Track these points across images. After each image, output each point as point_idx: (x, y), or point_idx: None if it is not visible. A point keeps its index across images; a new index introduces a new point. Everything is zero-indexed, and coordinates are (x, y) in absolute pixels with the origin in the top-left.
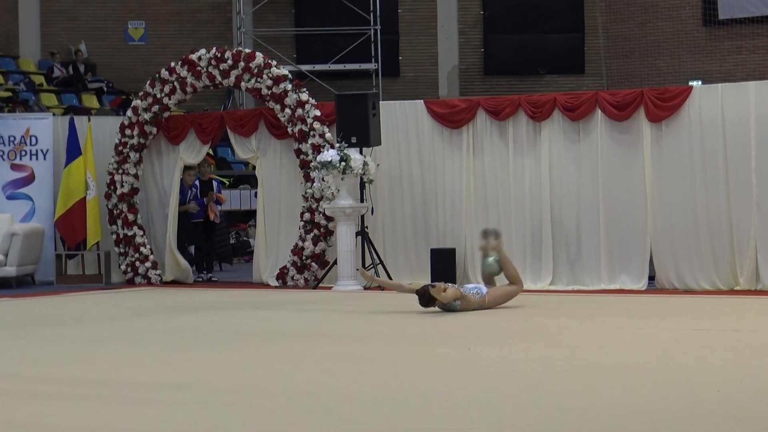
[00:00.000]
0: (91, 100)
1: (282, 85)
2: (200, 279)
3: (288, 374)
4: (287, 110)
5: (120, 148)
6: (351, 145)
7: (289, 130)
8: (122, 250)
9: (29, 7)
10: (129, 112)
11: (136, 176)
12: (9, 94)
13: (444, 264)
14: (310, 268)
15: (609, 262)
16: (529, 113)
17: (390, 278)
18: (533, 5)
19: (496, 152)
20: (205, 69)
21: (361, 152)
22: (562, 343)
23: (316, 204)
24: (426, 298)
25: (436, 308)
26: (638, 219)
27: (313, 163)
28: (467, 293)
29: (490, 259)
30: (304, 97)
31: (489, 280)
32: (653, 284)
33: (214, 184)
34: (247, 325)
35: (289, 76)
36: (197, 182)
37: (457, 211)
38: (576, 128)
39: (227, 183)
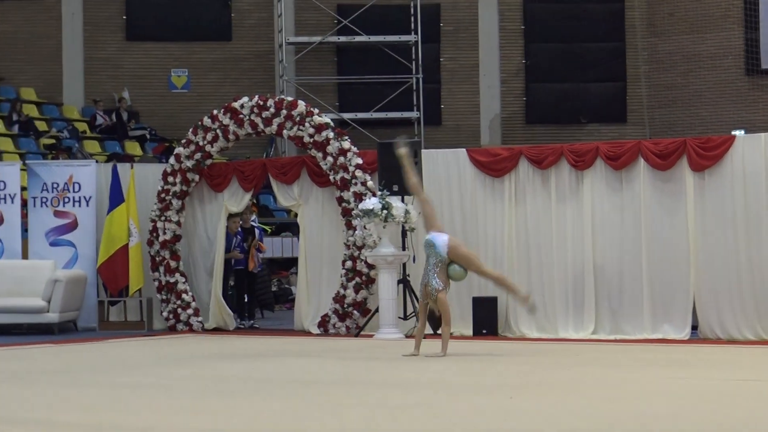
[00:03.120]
0: (134, 148)
1: (324, 133)
2: (242, 326)
3: (329, 423)
4: (329, 158)
5: (162, 195)
6: (393, 194)
7: (331, 178)
8: (164, 297)
9: (73, 55)
10: (172, 160)
11: (178, 223)
12: (53, 141)
13: (486, 312)
14: (351, 315)
15: (652, 311)
16: (572, 162)
17: (432, 328)
18: (576, 54)
19: (539, 201)
20: (247, 117)
21: (402, 200)
22: (605, 393)
23: (357, 252)
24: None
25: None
26: (681, 268)
27: (354, 211)
28: (436, 274)
29: (456, 267)
30: (346, 145)
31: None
32: (696, 334)
33: (257, 231)
34: (289, 372)
35: (331, 124)
36: (240, 229)
37: (499, 259)
38: (618, 177)
39: (269, 230)
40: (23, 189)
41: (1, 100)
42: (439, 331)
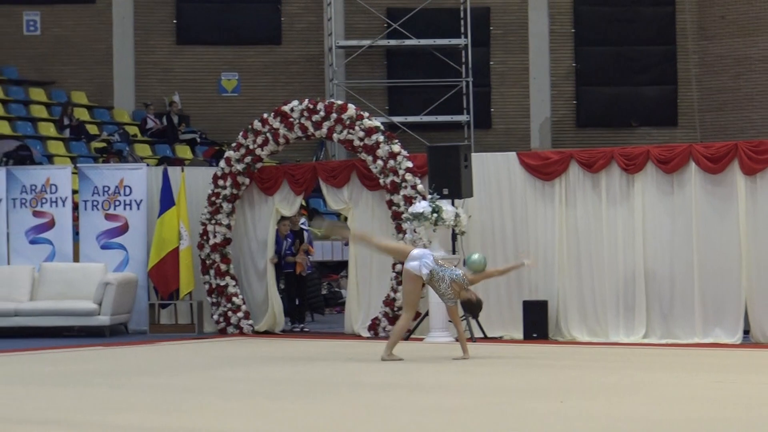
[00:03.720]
0: (184, 151)
1: (374, 137)
2: (294, 329)
3: (377, 426)
4: (379, 161)
5: (213, 198)
6: (443, 197)
7: (381, 181)
8: (215, 300)
9: (124, 59)
10: (222, 163)
11: (228, 227)
12: (103, 144)
13: (536, 316)
14: None
15: (703, 315)
16: (622, 165)
17: (482, 331)
18: (626, 57)
19: (589, 204)
20: (297, 120)
21: (452, 204)
22: (656, 397)
23: None
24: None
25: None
26: (733, 271)
27: (404, 215)
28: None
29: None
30: (396, 148)
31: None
32: (748, 338)
33: (305, 234)
34: (339, 376)
35: (381, 127)
36: (290, 232)
37: (550, 263)
38: (669, 180)
39: (319, 234)
40: (74, 192)
41: (53, 104)
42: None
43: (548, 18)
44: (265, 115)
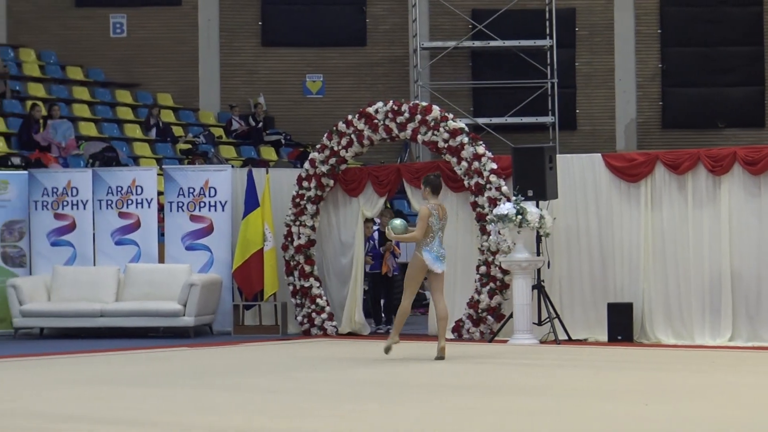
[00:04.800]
0: (269, 153)
1: (458, 138)
2: (378, 330)
3: (460, 428)
4: (464, 163)
5: (297, 200)
6: (527, 199)
7: (466, 183)
8: (299, 302)
9: (209, 61)
10: (306, 165)
11: (312, 228)
12: (189, 146)
13: (621, 318)
14: (485, 321)
15: None
16: (709, 167)
17: (567, 333)
18: (712, 58)
19: (675, 206)
20: (382, 122)
21: (537, 205)
22: (741, 401)
23: (492, 257)
24: None
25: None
26: None
27: (489, 216)
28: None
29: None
30: (481, 150)
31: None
32: None
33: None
34: (422, 377)
35: (466, 129)
36: (376, 234)
37: (635, 265)
38: (757, 182)
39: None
40: (160, 194)
41: (139, 106)
42: None
43: (634, 19)
44: (350, 117)
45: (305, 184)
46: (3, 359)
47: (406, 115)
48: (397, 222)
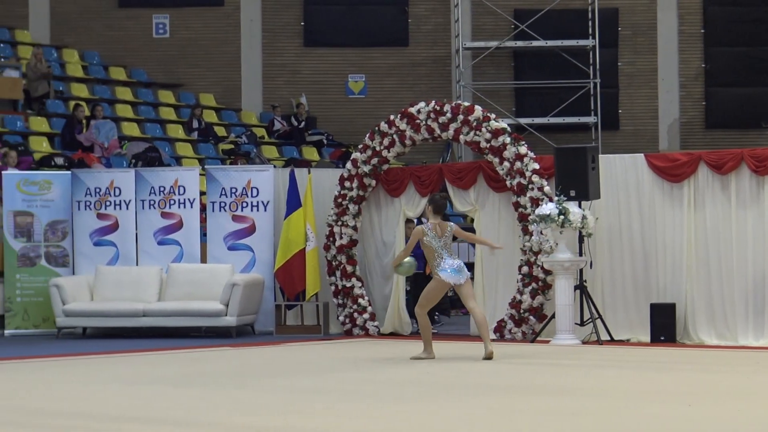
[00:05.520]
0: (311, 153)
1: (501, 138)
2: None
3: (499, 428)
4: (506, 163)
5: (339, 200)
6: (570, 199)
7: (508, 183)
8: (341, 302)
9: (252, 61)
10: (348, 165)
11: (354, 228)
12: (231, 146)
13: (664, 319)
14: (527, 321)
15: None
16: (752, 167)
17: (609, 333)
18: (756, 58)
19: (718, 206)
20: (424, 122)
21: (579, 205)
22: None
23: (534, 257)
24: None
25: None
26: None
27: (531, 217)
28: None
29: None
30: (523, 150)
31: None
32: None
33: None
34: (464, 378)
35: (508, 129)
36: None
37: (678, 266)
38: None
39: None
40: (202, 194)
41: (181, 106)
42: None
43: (677, 18)
44: (392, 117)
45: (347, 184)
46: (46, 359)
47: (449, 115)
48: (406, 264)
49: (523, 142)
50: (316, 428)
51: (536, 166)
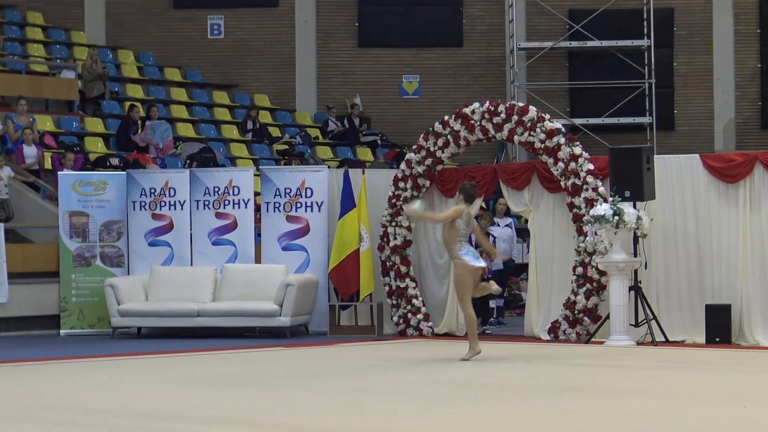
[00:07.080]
0: (365, 153)
1: (555, 139)
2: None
3: (554, 430)
4: (560, 164)
5: (393, 200)
6: (624, 199)
7: (562, 183)
8: (395, 302)
9: (306, 62)
10: (403, 165)
11: (408, 228)
12: (285, 147)
13: (719, 320)
14: (582, 322)
15: None
16: None
17: (664, 334)
18: None
19: None
20: (478, 122)
21: (634, 206)
22: None
23: (588, 258)
24: None
25: None
26: None
27: (586, 217)
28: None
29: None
30: (578, 150)
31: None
32: None
33: (491, 237)
34: (518, 378)
35: (563, 129)
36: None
37: (734, 267)
38: None
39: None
40: (256, 194)
41: (236, 107)
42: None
43: (733, 18)
44: (446, 117)
45: (401, 184)
46: (101, 358)
47: (503, 115)
48: (417, 204)
49: (578, 143)
50: (371, 429)
51: (591, 166)
